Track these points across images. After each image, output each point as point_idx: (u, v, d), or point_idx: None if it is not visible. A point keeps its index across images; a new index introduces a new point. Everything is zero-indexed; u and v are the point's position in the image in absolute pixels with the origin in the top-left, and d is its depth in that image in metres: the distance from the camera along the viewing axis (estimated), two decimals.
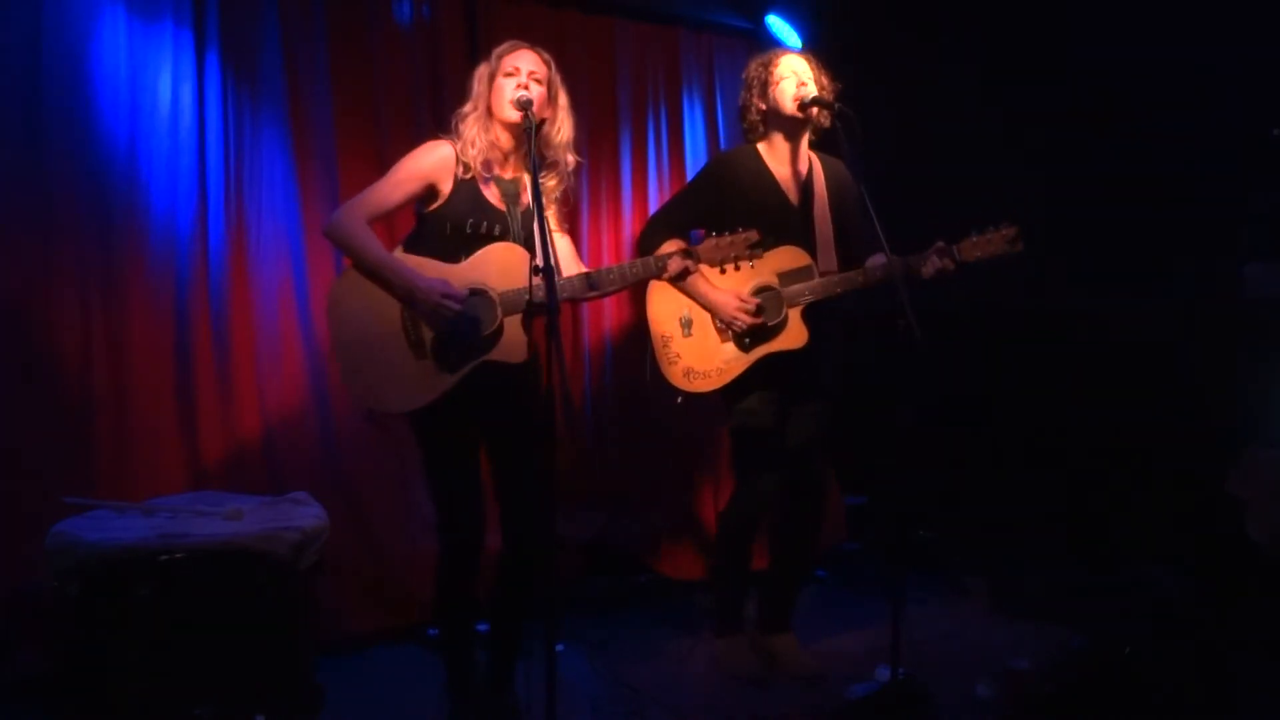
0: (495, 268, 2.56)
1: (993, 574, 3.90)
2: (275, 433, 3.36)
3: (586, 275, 2.64)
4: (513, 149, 2.66)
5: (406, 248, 2.63)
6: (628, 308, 4.03)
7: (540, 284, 2.17)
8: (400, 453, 3.51)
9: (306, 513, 2.58)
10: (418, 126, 3.51)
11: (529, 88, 2.57)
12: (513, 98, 2.53)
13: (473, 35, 3.69)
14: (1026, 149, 3.92)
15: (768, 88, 3.02)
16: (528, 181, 2.62)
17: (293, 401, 3.40)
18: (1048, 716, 2.78)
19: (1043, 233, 3.11)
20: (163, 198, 3.21)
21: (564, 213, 2.80)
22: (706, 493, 4.07)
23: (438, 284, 2.50)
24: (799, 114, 2.97)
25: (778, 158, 3.08)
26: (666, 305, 3.06)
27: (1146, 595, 3.34)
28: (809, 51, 3.16)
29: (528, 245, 2.59)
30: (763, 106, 3.05)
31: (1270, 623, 3.05)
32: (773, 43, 3.97)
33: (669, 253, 2.69)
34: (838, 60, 3.11)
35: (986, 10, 4.06)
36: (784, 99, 2.98)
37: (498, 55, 2.63)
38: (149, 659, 2.25)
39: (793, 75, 2.99)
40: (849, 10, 4.22)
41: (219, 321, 3.29)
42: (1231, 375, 3.42)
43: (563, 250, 2.74)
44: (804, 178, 3.11)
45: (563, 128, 2.66)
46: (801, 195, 3.09)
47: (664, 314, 3.06)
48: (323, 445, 3.45)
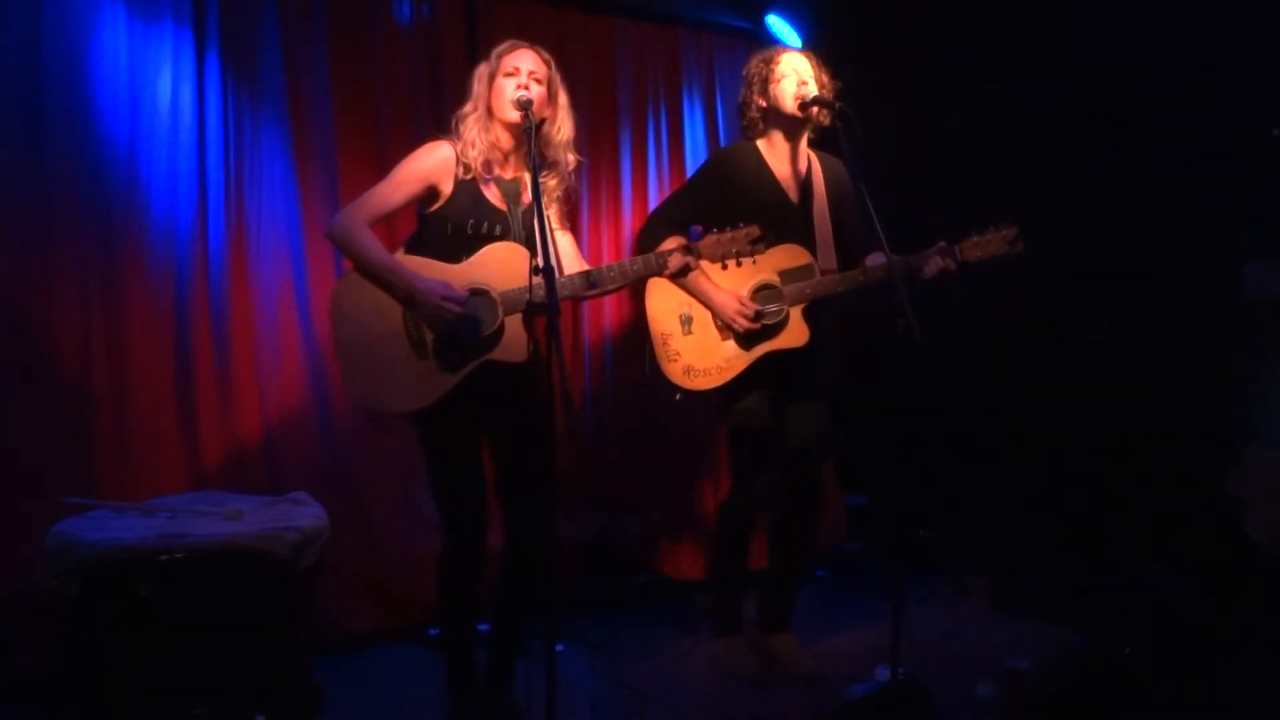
0: (496, 267, 2.56)
1: (993, 574, 3.90)
2: (275, 433, 3.36)
3: (586, 274, 2.64)
4: (513, 149, 2.66)
5: (408, 249, 2.64)
6: (628, 306, 4.02)
7: (540, 284, 2.17)
8: (400, 453, 3.51)
9: (306, 513, 2.57)
10: (418, 126, 3.51)
11: (529, 88, 2.57)
12: (513, 98, 2.53)
13: (473, 35, 3.69)
14: (1026, 149, 3.92)
15: (768, 85, 3.01)
16: (528, 181, 2.62)
17: (293, 401, 3.40)
18: (1048, 716, 2.78)
19: (1043, 233, 3.11)
20: (163, 198, 3.21)
21: (565, 211, 2.80)
22: (706, 493, 4.06)
23: (437, 286, 2.50)
24: (799, 113, 2.97)
25: (777, 155, 3.08)
26: (666, 302, 3.03)
27: (1146, 595, 3.33)
28: (810, 49, 3.16)
29: (529, 245, 2.58)
30: (763, 103, 3.05)
31: (1270, 623, 3.05)
32: (773, 43, 3.96)
33: (670, 249, 2.68)
34: (838, 60, 3.11)
35: (986, 10, 4.06)
36: (784, 97, 2.97)
37: (497, 55, 2.63)
38: (149, 659, 2.25)
39: (794, 74, 2.98)
40: (849, 10, 4.23)
41: (219, 321, 3.29)
42: (1231, 375, 3.42)
43: (565, 248, 2.74)
44: (803, 176, 3.11)
45: (563, 127, 2.66)
46: (801, 193, 3.09)
47: (663, 311, 3.03)
48: (323, 445, 3.45)
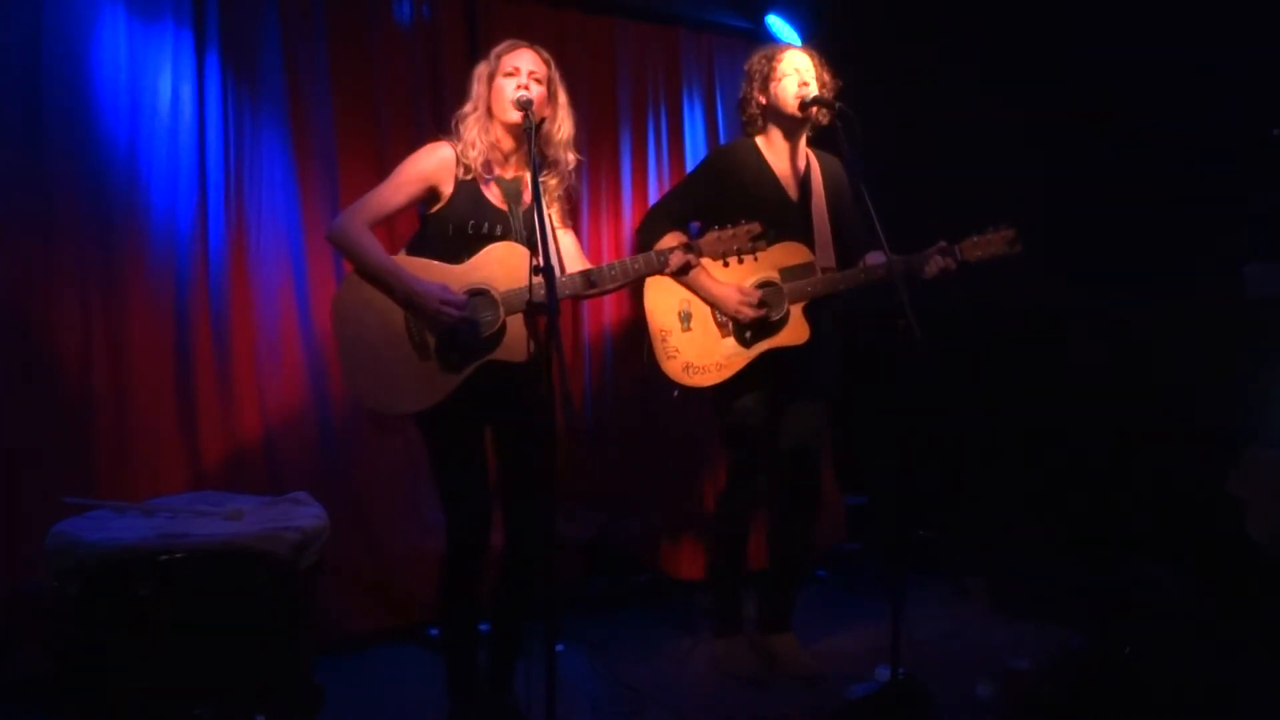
0: (497, 267, 2.56)
1: (993, 574, 3.90)
2: (275, 433, 3.36)
3: (587, 272, 2.63)
4: (513, 149, 2.66)
5: (410, 249, 2.64)
6: (628, 305, 4.02)
7: (540, 283, 2.17)
8: (401, 453, 3.52)
9: (306, 513, 2.57)
10: (418, 127, 3.51)
11: (529, 87, 2.56)
12: (513, 98, 2.53)
13: (473, 35, 3.69)
14: (1026, 149, 3.92)
15: (769, 83, 3.01)
16: (529, 180, 2.62)
17: (293, 401, 3.40)
18: (1048, 716, 2.78)
19: (1042, 233, 3.11)
20: (163, 198, 3.20)
21: (567, 209, 2.79)
22: (706, 493, 4.06)
23: (436, 289, 2.50)
24: (799, 114, 2.96)
25: (776, 153, 3.08)
26: (665, 299, 3.02)
27: (1146, 595, 3.34)
28: (811, 47, 3.15)
29: (530, 244, 2.58)
30: (763, 101, 3.04)
31: (1270, 623, 3.05)
32: (773, 42, 3.97)
33: (670, 247, 2.67)
34: (838, 60, 3.10)
35: (986, 10, 4.06)
36: (785, 97, 2.97)
37: (497, 55, 2.63)
38: (149, 659, 2.25)
39: (795, 73, 2.98)
40: (849, 10, 4.22)
41: (219, 321, 3.29)
42: (1231, 375, 3.42)
43: (568, 247, 2.74)
44: (802, 174, 3.10)
45: (563, 126, 2.66)
46: (800, 191, 3.09)
47: (662, 308, 3.01)
48: (323, 445, 3.45)
